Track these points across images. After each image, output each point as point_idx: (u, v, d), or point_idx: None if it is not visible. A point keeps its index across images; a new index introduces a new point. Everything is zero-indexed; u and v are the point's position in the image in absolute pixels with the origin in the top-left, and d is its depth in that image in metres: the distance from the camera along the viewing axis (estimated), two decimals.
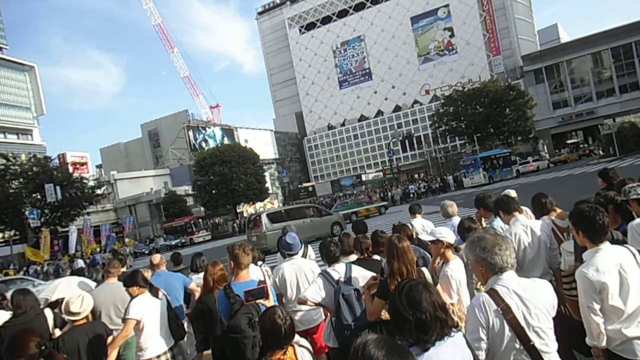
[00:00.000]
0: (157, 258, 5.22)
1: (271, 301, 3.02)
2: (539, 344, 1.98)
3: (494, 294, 2.03)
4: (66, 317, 3.51)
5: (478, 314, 2.00)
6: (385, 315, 2.99)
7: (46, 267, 24.88)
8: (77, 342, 3.21)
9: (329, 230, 18.81)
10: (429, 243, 3.48)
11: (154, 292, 3.87)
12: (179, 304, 4.81)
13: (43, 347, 2.36)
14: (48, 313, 3.97)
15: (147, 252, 33.90)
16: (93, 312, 3.93)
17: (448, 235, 3.29)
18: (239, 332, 2.94)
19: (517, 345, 1.97)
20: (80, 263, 23.75)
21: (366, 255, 4.16)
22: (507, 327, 1.97)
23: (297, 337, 2.31)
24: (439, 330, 1.69)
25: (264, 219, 18.01)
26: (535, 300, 2.02)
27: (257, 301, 2.96)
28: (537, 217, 3.96)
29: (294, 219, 18.28)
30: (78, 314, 3.37)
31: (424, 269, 3.19)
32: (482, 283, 2.33)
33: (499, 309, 1.98)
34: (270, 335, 2.18)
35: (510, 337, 1.97)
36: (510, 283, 2.06)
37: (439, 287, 3.08)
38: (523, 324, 1.98)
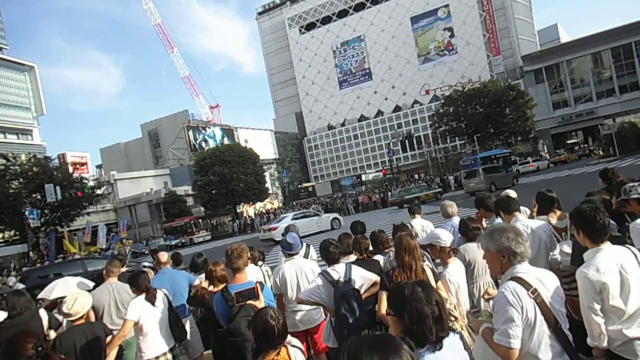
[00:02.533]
0: (164, 256, 5.24)
1: (262, 302, 3.02)
2: (563, 327, 2.07)
3: (519, 280, 2.09)
4: (63, 317, 3.50)
5: (512, 300, 2.03)
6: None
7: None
8: (74, 342, 3.21)
9: (511, 181, 26.57)
10: (426, 253, 3.47)
11: (151, 297, 3.86)
12: (184, 301, 4.83)
13: (40, 348, 2.36)
14: (43, 314, 3.96)
15: (146, 252, 33.90)
16: (95, 311, 3.92)
17: (445, 238, 3.27)
18: (239, 335, 2.92)
19: (547, 330, 2.04)
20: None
21: (365, 255, 4.15)
22: (538, 310, 2.03)
23: (289, 337, 2.32)
24: (447, 327, 1.74)
25: (481, 170, 26.20)
26: (552, 286, 2.13)
27: (248, 302, 2.95)
28: (544, 213, 3.96)
29: (494, 172, 26.89)
30: (69, 314, 3.35)
31: (427, 268, 3.20)
32: (497, 273, 2.37)
33: (529, 292, 2.04)
34: (264, 336, 2.19)
35: (541, 321, 2.04)
36: (529, 270, 2.16)
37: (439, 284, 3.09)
38: (550, 306, 2.06)
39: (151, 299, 3.85)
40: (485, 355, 2.34)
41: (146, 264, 13.25)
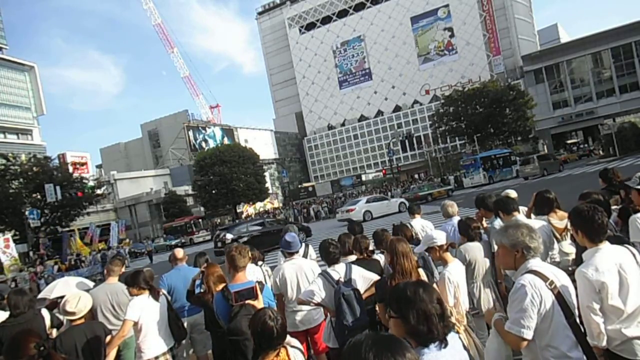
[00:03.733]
0: (180, 252, 5.24)
1: (261, 302, 3.03)
2: (576, 319, 2.12)
3: (537, 273, 2.13)
4: (63, 317, 3.50)
5: (531, 292, 2.07)
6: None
7: (94, 255, 29.09)
8: (75, 341, 3.21)
9: (558, 167, 30.57)
10: (426, 253, 3.47)
11: (155, 294, 3.86)
12: None
13: (42, 348, 2.36)
14: (45, 313, 3.97)
15: (145, 252, 33.87)
16: (91, 311, 3.93)
17: (439, 236, 3.28)
18: (240, 334, 2.92)
19: (564, 321, 2.08)
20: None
21: (365, 255, 4.15)
22: (556, 303, 2.07)
23: (288, 338, 2.32)
24: (449, 324, 1.76)
25: (536, 159, 29.78)
26: (564, 280, 2.16)
27: (247, 302, 2.95)
28: (542, 213, 3.96)
29: (545, 160, 30.38)
30: (73, 313, 3.36)
31: (421, 270, 3.21)
32: (510, 268, 2.39)
33: (547, 284, 2.09)
34: (263, 336, 2.18)
35: (559, 313, 2.07)
36: (542, 265, 2.20)
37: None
38: (565, 298, 2.11)
39: (155, 296, 3.85)
40: (498, 345, 2.36)
41: None
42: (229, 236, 18.28)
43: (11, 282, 20.87)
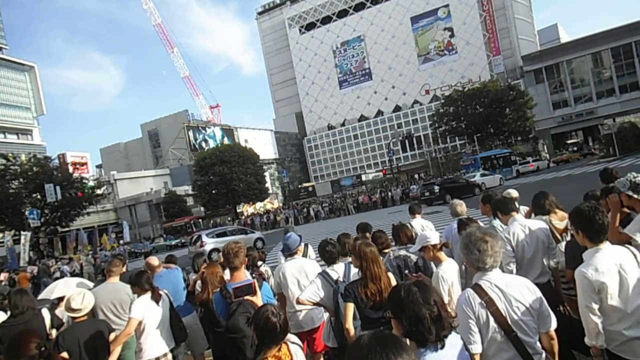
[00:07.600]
0: (154, 260, 5.10)
1: (259, 297, 3.04)
2: (521, 334, 2.11)
3: (477, 288, 2.17)
4: (67, 314, 3.51)
5: (465, 307, 2.13)
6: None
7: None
8: (78, 339, 3.22)
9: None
10: (422, 254, 3.44)
11: (156, 296, 3.85)
12: (184, 299, 4.83)
13: (43, 348, 2.36)
14: (45, 313, 3.96)
15: (142, 253, 33.80)
16: (92, 310, 3.93)
17: (431, 235, 3.28)
18: (237, 332, 2.94)
19: (500, 337, 2.10)
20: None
21: None
22: (491, 319, 2.10)
23: (288, 335, 2.35)
24: (449, 325, 1.75)
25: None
26: (517, 295, 2.15)
27: (245, 298, 2.96)
28: (542, 214, 3.95)
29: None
30: (79, 310, 3.37)
31: (390, 274, 3.17)
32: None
33: (482, 301, 2.11)
34: (265, 332, 2.21)
35: (495, 329, 2.10)
36: (493, 278, 2.19)
37: None
38: (505, 315, 2.10)
39: (156, 298, 3.84)
40: None
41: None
42: (437, 187, 25.21)
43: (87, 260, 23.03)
